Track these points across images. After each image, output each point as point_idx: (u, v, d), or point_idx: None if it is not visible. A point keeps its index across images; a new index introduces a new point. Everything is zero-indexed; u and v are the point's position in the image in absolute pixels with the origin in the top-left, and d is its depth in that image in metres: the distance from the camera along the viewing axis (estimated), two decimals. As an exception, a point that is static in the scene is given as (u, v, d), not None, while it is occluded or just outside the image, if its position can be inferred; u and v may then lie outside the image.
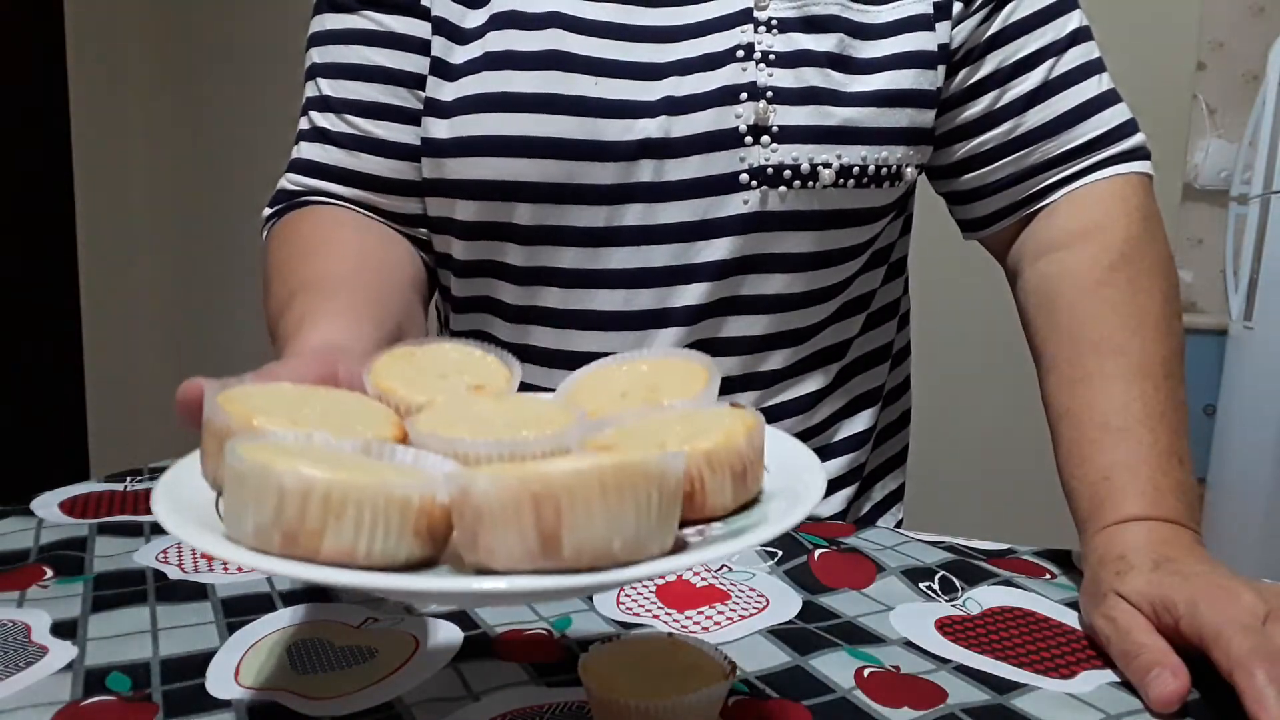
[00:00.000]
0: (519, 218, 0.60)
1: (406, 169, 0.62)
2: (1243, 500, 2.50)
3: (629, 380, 0.37)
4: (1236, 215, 2.80)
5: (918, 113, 0.59)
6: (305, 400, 0.31)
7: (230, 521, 0.25)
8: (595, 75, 0.58)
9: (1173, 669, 0.38)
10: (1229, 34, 3.53)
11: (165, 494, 0.27)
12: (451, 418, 0.31)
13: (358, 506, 0.24)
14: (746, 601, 0.47)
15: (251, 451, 0.24)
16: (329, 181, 0.63)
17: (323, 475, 0.24)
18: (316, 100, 0.63)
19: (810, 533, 0.55)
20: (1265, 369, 2.42)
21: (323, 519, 0.24)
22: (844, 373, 0.67)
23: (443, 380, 0.35)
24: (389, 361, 0.36)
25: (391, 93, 0.62)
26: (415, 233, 0.65)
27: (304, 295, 0.51)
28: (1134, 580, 0.43)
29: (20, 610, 0.45)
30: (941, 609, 0.47)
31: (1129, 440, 0.50)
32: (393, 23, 0.62)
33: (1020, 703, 0.38)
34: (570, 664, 0.40)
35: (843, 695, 0.38)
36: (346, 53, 0.63)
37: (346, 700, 0.37)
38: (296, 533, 0.24)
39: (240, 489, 0.24)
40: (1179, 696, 0.37)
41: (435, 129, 0.60)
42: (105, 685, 0.38)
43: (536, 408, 0.33)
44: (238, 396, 0.30)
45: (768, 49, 0.58)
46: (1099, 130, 0.61)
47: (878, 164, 0.59)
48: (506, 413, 0.33)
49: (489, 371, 0.37)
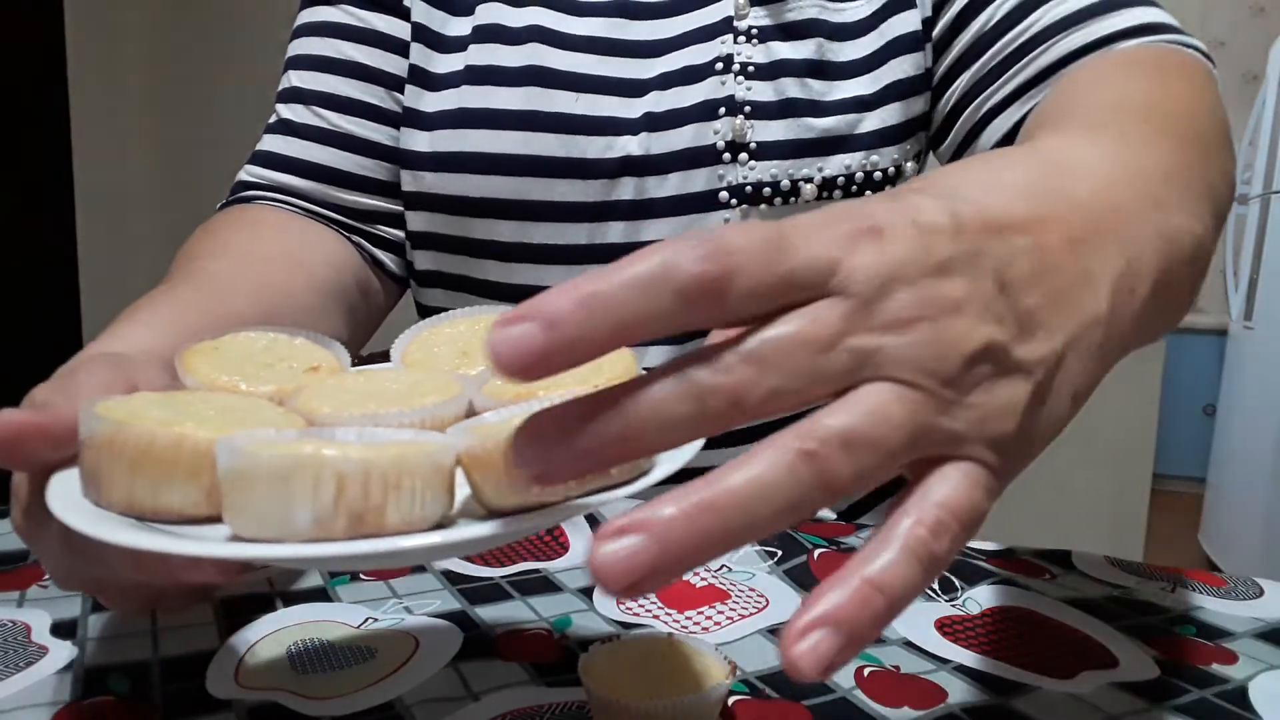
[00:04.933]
0: (500, 234, 0.59)
1: (372, 166, 0.61)
2: (1243, 500, 2.50)
3: (459, 339, 0.39)
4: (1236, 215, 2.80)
5: (910, 102, 0.58)
6: (186, 404, 0.30)
7: (265, 522, 0.24)
8: (576, 91, 0.57)
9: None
10: (1229, 34, 3.54)
11: (117, 528, 0.25)
12: (339, 399, 0.32)
13: (411, 476, 0.25)
14: (746, 601, 0.47)
15: (268, 448, 0.24)
16: (286, 174, 0.61)
17: (375, 455, 0.24)
18: (286, 92, 0.63)
19: (810, 533, 0.55)
20: (1265, 369, 2.42)
21: (384, 494, 0.24)
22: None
23: (271, 370, 0.35)
24: (198, 360, 0.34)
25: (366, 89, 0.61)
26: (374, 230, 0.63)
27: (146, 297, 0.46)
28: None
29: (20, 610, 0.45)
30: (941, 609, 0.47)
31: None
32: (375, 20, 0.62)
33: (1020, 703, 0.38)
34: (570, 664, 0.40)
35: (843, 695, 0.38)
36: (323, 45, 0.62)
37: (346, 700, 0.37)
38: (363, 511, 0.24)
39: (282, 485, 0.24)
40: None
41: (414, 141, 0.60)
42: (105, 685, 0.38)
43: (407, 377, 0.35)
44: (123, 407, 0.28)
45: (747, 60, 0.57)
46: (1124, 24, 0.51)
47: (867, 170, 0.58)
48: (385, 385, 0.33)
49: (310, 354, 0.37)
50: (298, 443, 0.25)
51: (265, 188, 0.62)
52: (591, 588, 0.48)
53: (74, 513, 0.26)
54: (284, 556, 0.24)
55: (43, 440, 0.28)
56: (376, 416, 0.31)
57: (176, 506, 0.27)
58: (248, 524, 0.24)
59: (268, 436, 0.26)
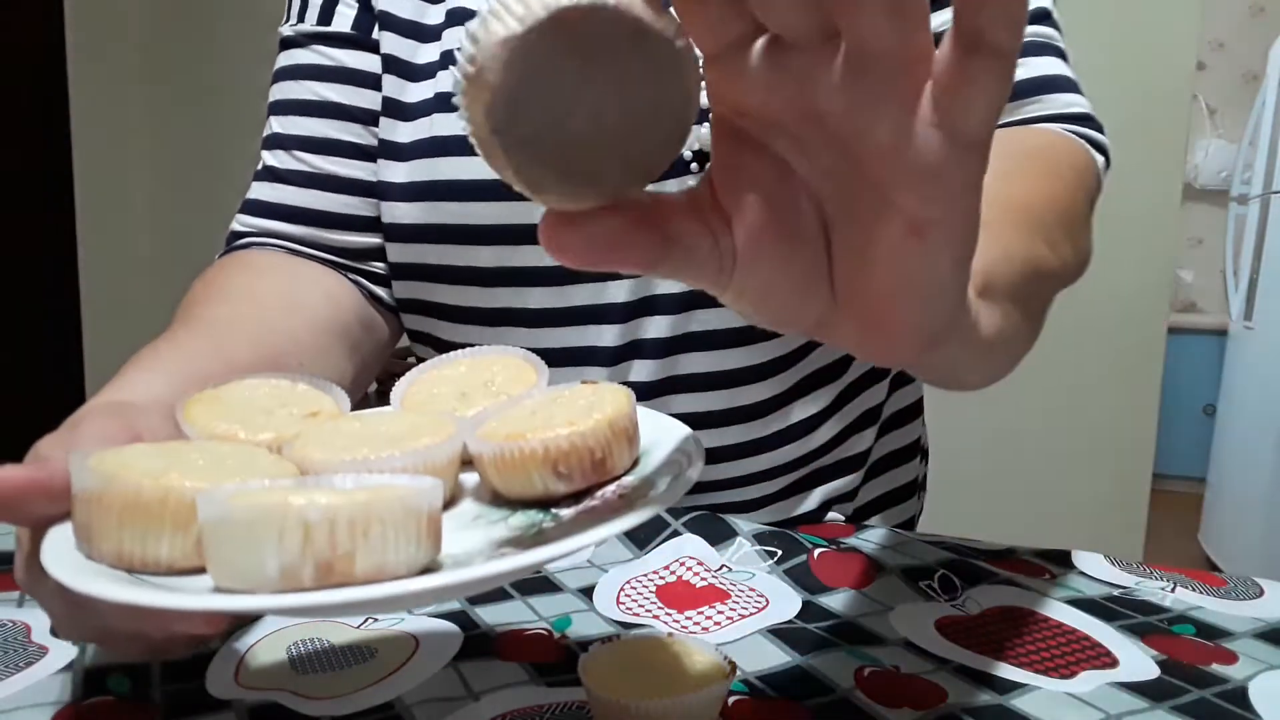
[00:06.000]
0: (480, 260, 0.59)
1: (358, 204, 0.61)
2: (1243, 500, 2.50)
3: (460, 381, 0.39)
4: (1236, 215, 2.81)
5: None
6: (178, 454, 0.30)
7: (238, 573, 0.24)
8: None
9: None
10: (1229, 34, 3.54)
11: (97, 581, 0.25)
12: (334, 444, 0.32)
13: (381, 523, 0.24)
14: (746, 601, 0.47)
15: (243, 499, 0.24)
16: (277, 220, 0.61)
17: (342, 501, 0.24)
18: (268, 138, 0.63)
19: (810, 533, 0.55)
20: (1265, 369, 2.42)
21: (352, 541, 0.24)
22: (844, 394, 0.64)
23: (271, 416, 0.35)
24: (198, 409, 0.34)
25: (343, 128, 0.61)
26: (369, 267, 0.63)
27: (149, 345, 0.47)
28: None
29: (20, 610, 0.45)
30: (941, 609, 0.47)
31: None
32: (344, 57, 0.61)
33: (1020, 703, 0.38)
34: (570, 664, 0.40)
35: (843, 695, 0.38)
36: (298, 89, 0.62)
37: (346, 700, 0.37)
38: (331, 560, 0.24)
39: (250, 537, 0.24)
40: None
41: (392, 173, 0.59)
42: (105, 685, 0.38)
43: (404, 420, 0.35)
44: (114, 460, 0.28)
45: None
46: (1048, 110, 0.55)
47: None
48: (382, 429, 0.34)
49: (311, 399, 0.37)
50: (267, 493, 0.25)
51: (257, 234, 0.62)
52: (591, 587, 0.48)
53: (60, 566, 0.26)
54: (250, 608, 0.24)
55: (41, 495, 0.29)
56: (368, 461, 0.31)
57: (165, 558, 0.27)
58: (224, 575, 0.25)
59: (250, 487, 0.26)
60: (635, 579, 0.49)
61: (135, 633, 0.31)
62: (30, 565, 0.31)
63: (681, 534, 0.54)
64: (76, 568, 0.26)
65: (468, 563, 0.26)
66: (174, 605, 0.23)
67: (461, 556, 0.29)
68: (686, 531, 0.54)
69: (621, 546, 0.53)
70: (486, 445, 0.32)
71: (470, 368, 0.40)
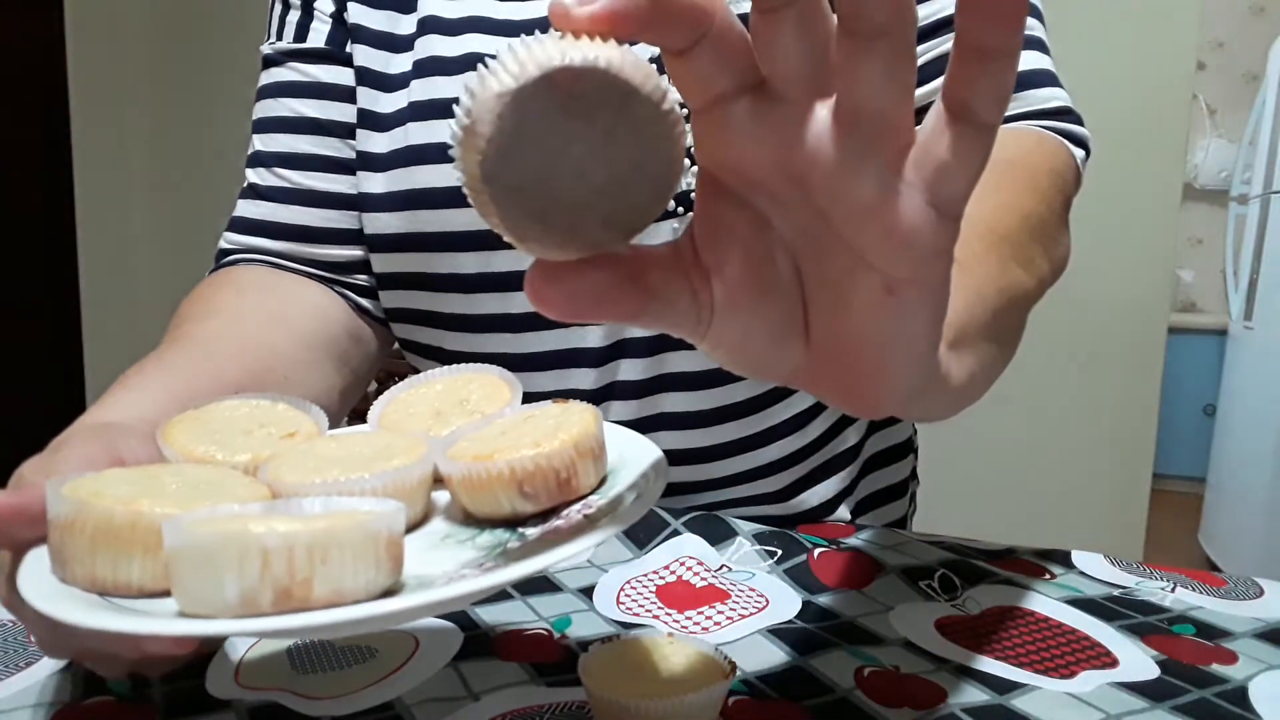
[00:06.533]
0: (463, 267, 0.59)
1: (340, 217, 0.62)
2: (1243, 500, 2.50)
3: (434, 400, 0.40)
4: (1236, 215, 2.81)
5: None
6: (152, 479, 0.30)
7: (200, 598, 0.25)
8: None
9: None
10: (1229, 34, 3.54)
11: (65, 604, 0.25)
12: (307, 465, 0.32)
13: (340, 548, 0.25)
14: (746, 601, 0.47)
15: (205, 525, 0.24)
16: (262, 237, 0.62)
17: (300, 528, 0.24)
18: (251, 157, 0.63)
19: (810, 533, 0.55)
20: (1265, 369, 2.42)
21: (310, 567, 0.24)
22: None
23: (249, 437, 0.35)
24: (178, 430, 0.35)
25: (321, 143, 0.62)
26: (355, 280, 0.63)
27: (136, 365, 0.47)
28: None
29: (20, 610, 0.45)
30: (941, 609, 0.47)
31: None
32: (319, 72, 0.62)
33: (1020, 703, 0.38)
34: (570, 664, 0.40)
35: (843, 695, 0.38)
36: (277, 106, 0.63)
37: (346, 700, 0.37)
38: (289, 586, 0.24)
39: (210, 563, 0.24)
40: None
41: (371, 184, 0.60)
42: (105, 685, 0.38)
43: (378, 440, 0.35)
44: (87, 487, 0.29)
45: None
46: (1027, 107, 0.55)
47: None
48: (355, 450, 0.34)
49: (290, 419, 0.37)
50: (229, 520, 0.25)
51: (244, 251, 0.63)
52: (591, 587, 0.48)
53: (35, 590, 0.26)
54: (212, 631, 0.24)
55: (21, 521, 0.29)
56: (338, 483, 0.31)
57: (136, 581, 0.28)
58: (187, 600, 0.25)
59: (218, 513, 0.26)
60: (635, 579, 0.49)
61: (111, 653, 0.32)
62: (12, 587, 0.31)
63: (681, 534, 0.54)
64: (50, 591, 0.27)
65: (430, 584, 0.27)
66: (136, 630, 0.23)
67: (426, 578, 0.29)
68: (686, 531, 0.54)
69: (621, 546, 0.53)
70: (455, 466, 0.33)
71: (446, 386, 0.41)
